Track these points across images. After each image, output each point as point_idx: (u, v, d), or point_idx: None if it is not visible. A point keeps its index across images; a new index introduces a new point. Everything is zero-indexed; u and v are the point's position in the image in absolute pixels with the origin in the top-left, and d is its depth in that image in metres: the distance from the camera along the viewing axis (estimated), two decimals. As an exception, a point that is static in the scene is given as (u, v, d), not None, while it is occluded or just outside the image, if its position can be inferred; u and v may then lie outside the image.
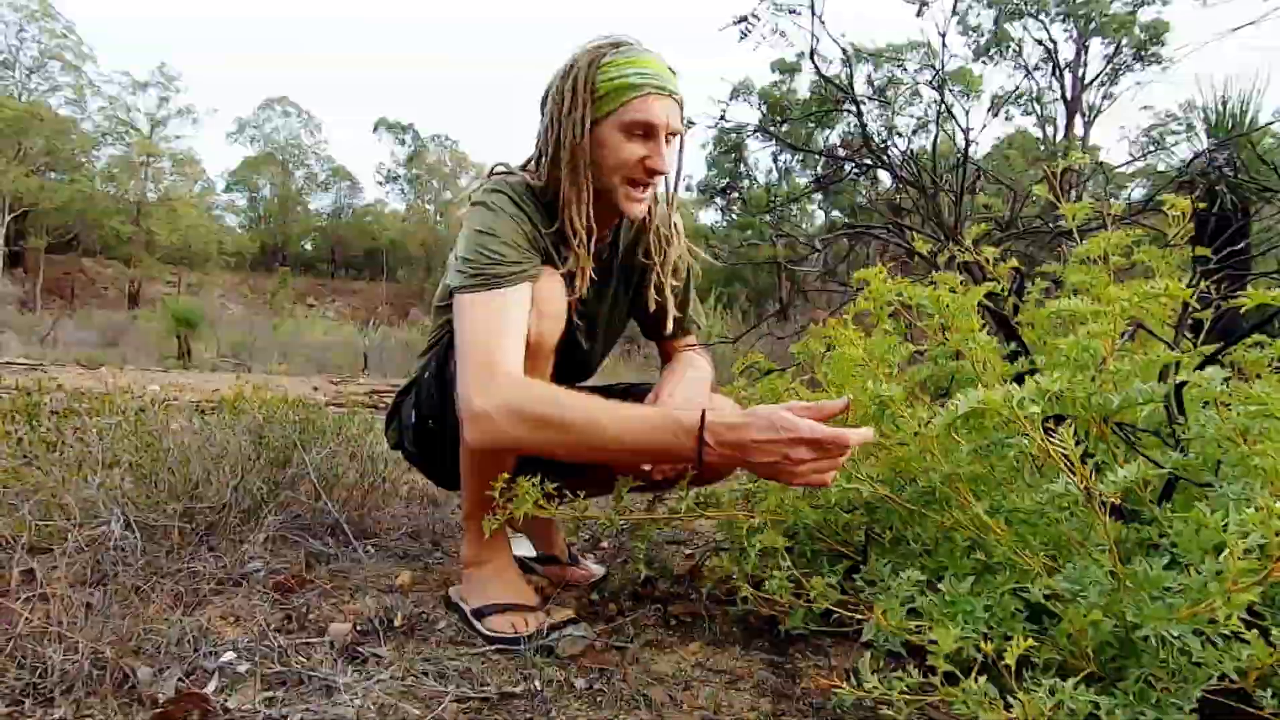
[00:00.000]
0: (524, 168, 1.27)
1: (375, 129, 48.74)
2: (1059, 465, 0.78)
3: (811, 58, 1.84)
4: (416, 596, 1.40)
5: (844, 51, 1.97)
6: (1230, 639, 0.74)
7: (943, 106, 1.81)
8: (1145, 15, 21.17)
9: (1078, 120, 22.70)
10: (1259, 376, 1.28)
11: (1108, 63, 22.30)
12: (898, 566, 1.11)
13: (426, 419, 1.30)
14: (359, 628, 1.20)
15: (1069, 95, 22.24)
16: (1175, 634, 0.75)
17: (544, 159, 1.21)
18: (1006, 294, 1.57)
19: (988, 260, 1.53)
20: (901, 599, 0.85)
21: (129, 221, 32.65)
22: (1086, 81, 22.33)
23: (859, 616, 1.02)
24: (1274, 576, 0.67)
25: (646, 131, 1.16)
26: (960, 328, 1.16)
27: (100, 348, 15.17)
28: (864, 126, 1.91)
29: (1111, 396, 0.95)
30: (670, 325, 1.36)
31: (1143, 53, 21.78)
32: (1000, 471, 1.10)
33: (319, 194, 50.64)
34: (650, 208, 1.29)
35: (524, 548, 1.64)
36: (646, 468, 1.18)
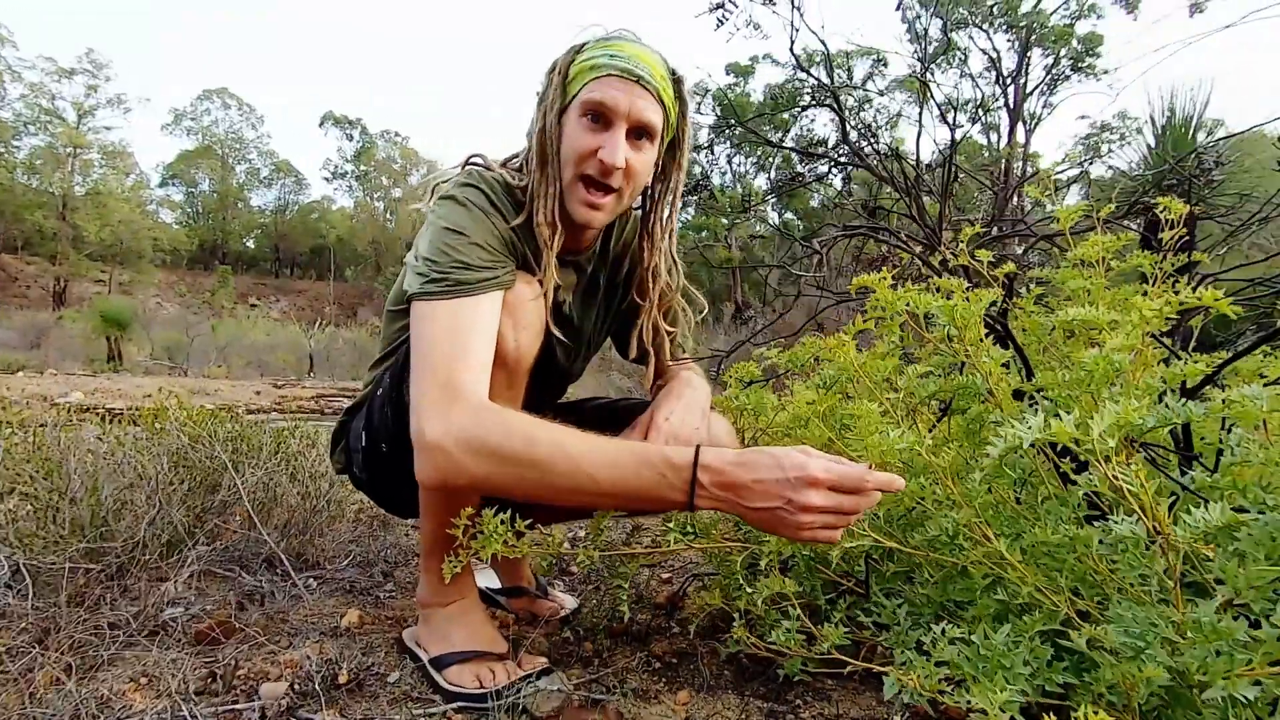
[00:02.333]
0: (505, 165, 1.13)
1: (321, 123, 47.37)
2: (1126, 502, 0.68)
3: (791, 49, 1.74)
4: (365, 640, 1.23)
5: (823, 44, 1.88)
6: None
7: (921, 85, 1.73)
8: (1081, 28, 22.01)
9: (1020, 128, 23.45)
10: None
11: (1047, 73, 23.11)
12: (913, 609, 1.01)
13: (379, 442, 1.13)
14: (296, 686, 1.03)
15: (1012, 104, 22.97)
16: (1250, 696, 0.66)
17: (529, 154, 1.08)
18: (1000, 300, 1.49)
19: (981, 264, 1.45)
20: (936, 659, 0.74)
21: (54, 216, 30.83)
22: (1028, 91, 23.10)
23: (872, 668, 0.91)
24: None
25: (599, 116, 1.01)
26: (970, 338, 1.06)
27: (21, 350, 14.25)
28: (843, 121, 1.82)
29: (1146, 416, 0.86)
30: (654, 364, 1.24)
31: (1079, 64, 22.65)
32: (1008, 502, 1.01)
33: (261, 190, 48.98)
34: (655, 245, 1.16)
35: (488, 578, 1.49)
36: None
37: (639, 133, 1.03)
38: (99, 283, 31.88)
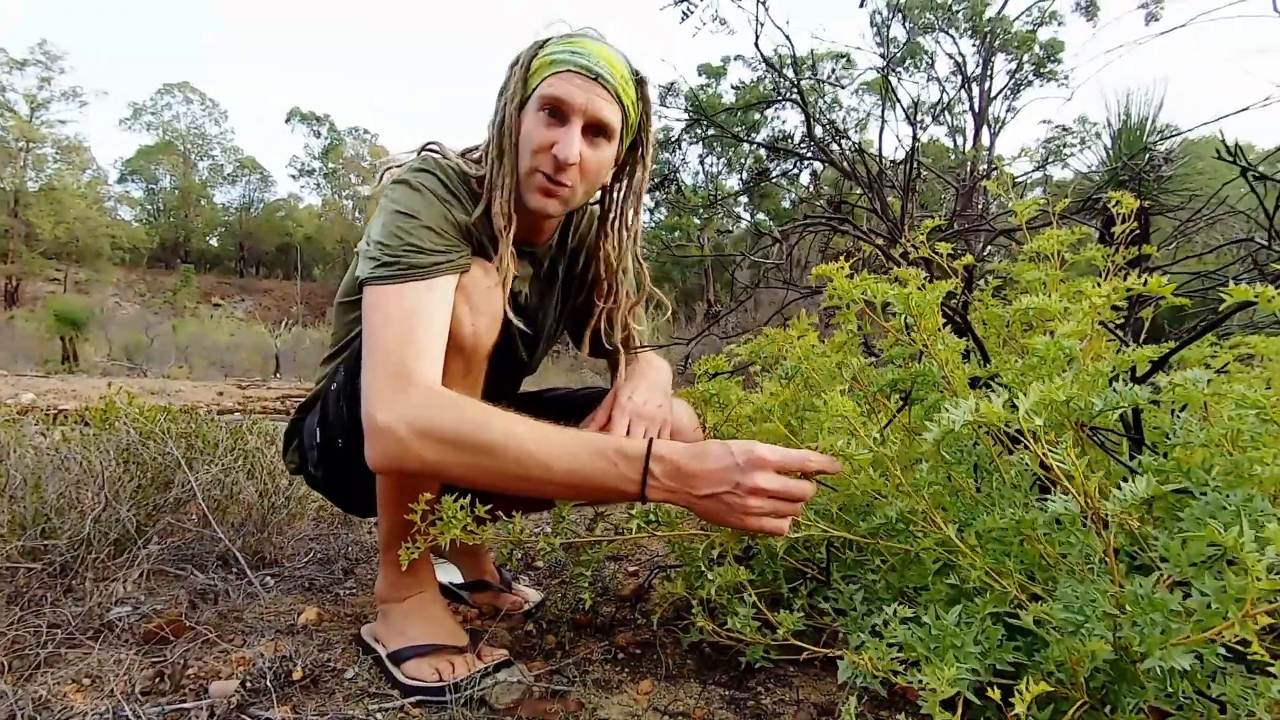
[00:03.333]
0: (465, 155, 1.12)
1: (288, 120, 46.48)
2: (1059, 480, 0.69)
3: (756, 43, 1.75)
4: (323, 638, 1.21)
5: (788, 39, 1.89)
6: (1249, 668, 0.67)
7: (884, 82, 1.75)
8: (1043, 34, 22.55)
9: (985, 131, 23.95)
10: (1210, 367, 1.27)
11: (1010, 78, 23.64)
12: (869, 595, 1.02)
13: (335, 438, 1.11)
14: (248, 684, 1.01)
15: (977, 107, 23.44)
16: (1185, 666, 0.68)
17: (489, 145, 1.07)
18: (959, 291, 1.52)
19: (940, 256, 1.47)
20: (889, 639, 0.75)
21: (6, 212, 29.76)
22: (992, 95, 23.60)
23: (830, 653, 0.91)
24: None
25: (556, 111, 1.00)
26: (926, 327, 1.08)
27: (-31, 351, 13.73)
28: (809, 118, 1.83)
29: (1094, 400, 0.88)
30: (612, 357, 1.23)
31: (1041, 69, 23.21)
32: (967, 490, 1.02)
33: (225, 187, 47.84)
34: (611, 240, 1.14)
35: (450, 574, 1.47)
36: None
37: (595, 130, 1.02)
38: (54, 281, 30.87)
